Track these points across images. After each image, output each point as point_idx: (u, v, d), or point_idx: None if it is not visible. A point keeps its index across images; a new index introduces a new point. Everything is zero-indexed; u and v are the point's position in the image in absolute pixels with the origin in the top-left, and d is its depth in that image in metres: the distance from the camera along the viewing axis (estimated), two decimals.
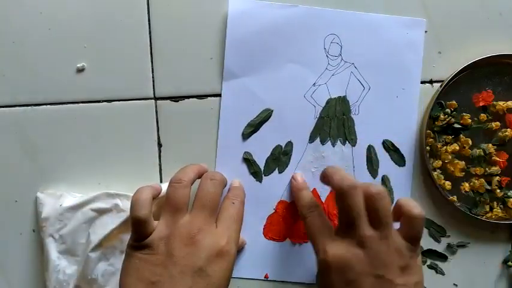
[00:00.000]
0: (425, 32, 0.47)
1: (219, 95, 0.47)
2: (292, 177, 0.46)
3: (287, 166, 0.47)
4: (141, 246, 0.36)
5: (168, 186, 0.39)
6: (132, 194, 0.43)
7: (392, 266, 0.35)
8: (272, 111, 0.47)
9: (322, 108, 0.47)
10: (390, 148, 0.47)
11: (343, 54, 0.47)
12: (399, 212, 0.37)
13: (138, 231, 0.37)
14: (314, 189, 0.47)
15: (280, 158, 0.46)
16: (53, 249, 0.44)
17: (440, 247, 0.47)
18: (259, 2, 0.46)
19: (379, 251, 0.35)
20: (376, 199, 0.36)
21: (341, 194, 0.37)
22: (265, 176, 0.47)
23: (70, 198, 0.45)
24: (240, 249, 0.46)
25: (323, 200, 0.47)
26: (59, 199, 0.45)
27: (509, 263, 0.47)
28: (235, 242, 0.39)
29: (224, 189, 0.43)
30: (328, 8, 0.46)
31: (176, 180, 0.39)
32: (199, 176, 0.42)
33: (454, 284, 0.47)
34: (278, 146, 0.46)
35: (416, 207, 0.37)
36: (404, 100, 0.40)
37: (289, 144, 0.47)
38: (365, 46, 0.46)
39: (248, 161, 0.46)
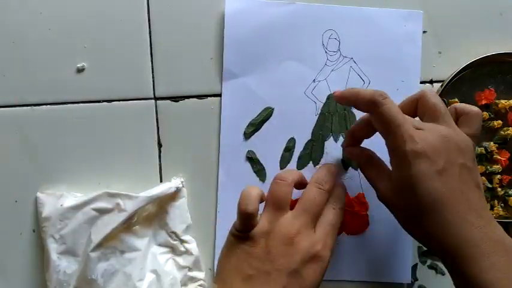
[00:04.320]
0: (425, 32, 0.47)
1: (219, 95, 0.47)
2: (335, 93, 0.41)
3: (289, 162, 0.47)
4: (244, 237, 0.37)
5: (272, 182, 0.40)
6: (133, 194, 0.44)
7: (468, 154, 0.36)
8: (273, 109, 0.46)
9: (323, 104, 0.47)
10: None
11: (341, 49, 0.47)
12: (454, 115, 0.39)
13: (244, 224, 0.38)
14: None
15: (283, 154, 0.47)
16: (53, 250, 0.44)
17: None
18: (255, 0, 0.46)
19: (459, 141, 0.36)
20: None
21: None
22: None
23: (71, 198, 0.45)
24: None
25: None
26: (59, 199, 0.45)
27: None
28: (330, 249, 0.38)
29: None
30: (324, 4, 0.46)
31: (280, 177, 0.39)
32: (300, 182, 0.41)
33: None
34: (292, 139, 0.46)
35: (473, 107, 0.38)
36: (405, 92, 0.40)
37: (292, 140, 0.46)
38: (363, 40, 0.47)
39: (251, 159, 0.46)
